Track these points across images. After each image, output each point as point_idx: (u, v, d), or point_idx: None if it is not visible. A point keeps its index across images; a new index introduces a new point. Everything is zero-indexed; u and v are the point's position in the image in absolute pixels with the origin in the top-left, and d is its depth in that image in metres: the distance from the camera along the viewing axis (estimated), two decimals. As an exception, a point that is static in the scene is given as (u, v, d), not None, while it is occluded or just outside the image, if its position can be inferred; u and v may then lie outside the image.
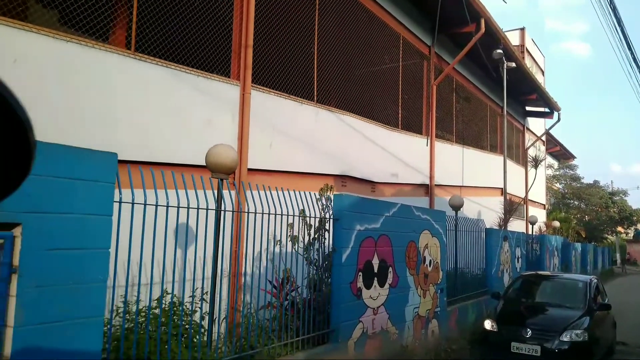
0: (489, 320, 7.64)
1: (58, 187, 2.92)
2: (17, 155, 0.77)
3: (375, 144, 11.22)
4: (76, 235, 3.01)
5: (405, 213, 7.26)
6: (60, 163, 2.94)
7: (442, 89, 14.73)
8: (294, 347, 5.17)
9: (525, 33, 24.07)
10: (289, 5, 8.50)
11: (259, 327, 4.96)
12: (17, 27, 4.90)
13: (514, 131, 21.84)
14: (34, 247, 2.80)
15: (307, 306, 5.44)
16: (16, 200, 2.73)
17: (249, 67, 7.54)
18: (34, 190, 2.79)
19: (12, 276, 2.74)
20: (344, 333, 5.77)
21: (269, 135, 8.07)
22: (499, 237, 11.67)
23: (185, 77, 6.69)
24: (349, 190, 9.84)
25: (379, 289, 6.51)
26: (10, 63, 4.84)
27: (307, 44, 9.31)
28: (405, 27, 12.67)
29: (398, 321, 6.90)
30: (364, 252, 6.21)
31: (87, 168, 3.08)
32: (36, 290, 2.80)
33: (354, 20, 10.41)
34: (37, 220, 2.82)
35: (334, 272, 5.83)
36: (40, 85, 5.01)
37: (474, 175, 16.58)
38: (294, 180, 8.38)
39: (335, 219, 5.89)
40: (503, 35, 14.88)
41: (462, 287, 9.74)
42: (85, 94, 5.47)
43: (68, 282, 2.96)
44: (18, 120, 0.73)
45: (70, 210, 2.99)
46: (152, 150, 6.14)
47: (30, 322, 2.77)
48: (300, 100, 8.88)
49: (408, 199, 11.60)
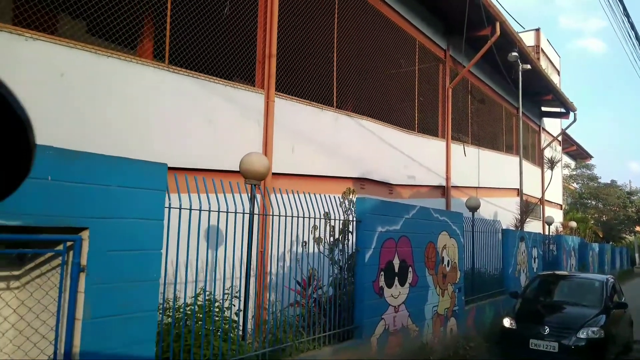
0: (507, 318, 7.89)
1: (118, 195, 3.27)
2: (17, 155, 0.78)
3: (393, 147, 11.49)
4: (133, 238, 3.36)
5: (424, 215, 7.52)
6: (119, 173, 3.29)
7: (457, 91, 14.94)
8: (320, 342, 5.48)
9: (540, 34, 24.10)
10: (309, 15, 8.82)
11: (288, 323, 5.27)
12: (64, 44, 5.29)
13: (529, 132, 21.90)
14: (98, 248, 3.15)
15: (333, 304, 5.75)
16: (84, 206, 3.09)
17: (273, 76, 7.88)
18: (98, 198, 3.14)
19: (81, 275, 3.09)
20: (367, 329, 6.07)
21: (291, 141, 8.39)
22: (516, 237, 11.84)
23: (214, 87, 7.05)
24: (367, 193, 10.13)
25: (399, 287, 6.79)
26: (58, 77, 5.23)
27: (327, 51, 9.63)
28: (420, 32, 12.92)
29: (418, 319, 7.17)
30: (385, 253, 6.49)
31: (141, 177, 3.43)
32: (100, 287, 3.15)
33: (371, 27, 10.70)
34: (100, 224, 3.17)
35: (357, 271, 6.12)
36: (86, 98, 5.39)
37: (490, 176, 16.73)
38: (315, 183, 8.70)
39: (358, 221, 6.18)
40: (518, 38, 15.03)
41: (479, 286, 9.95)
42: (125, 105, 5.85)
43: (126, 280, 3.30)
44: (18, 120, 0.73)
45: (128, 216, 3.33)
46: (184, 157, 6.50)
47: (95, 316, 3.11)
48: (320, 106, 9.20)
49: (425, 201, 11.85)
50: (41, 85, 5.04)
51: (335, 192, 7.12)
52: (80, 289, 3.08)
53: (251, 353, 4.56)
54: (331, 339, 5.64)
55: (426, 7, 12.93)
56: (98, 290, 3.14)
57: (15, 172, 0.82)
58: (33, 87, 4.97)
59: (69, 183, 3.00)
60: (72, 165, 3.03)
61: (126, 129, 5.83)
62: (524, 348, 7.28)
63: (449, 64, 14.46)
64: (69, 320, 3.04)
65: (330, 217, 6.03)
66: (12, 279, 3.49)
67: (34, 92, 4.95)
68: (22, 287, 3.51)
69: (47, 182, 2.90)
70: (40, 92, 5.02)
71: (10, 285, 3.48)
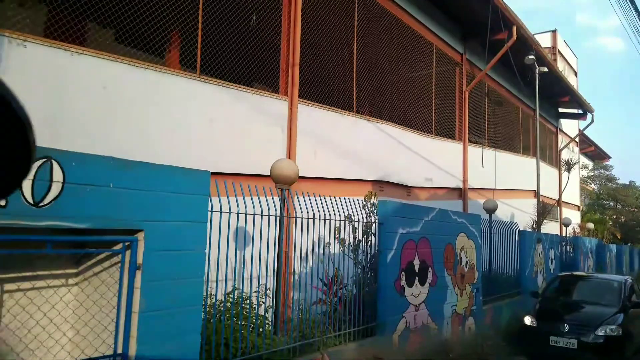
0: (528, 316, 8.17)
1: (168, 200, 3.61)
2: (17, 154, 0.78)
3: (410, 150, 11.74)
4: (181, 239, 3.70)
5: (443, 217, 7.78)
6: (170, 180, 3.63)
7: (474, 93, 15.12)
8: (345, 338, 5.78)
9: (557, 35, 24.08)
10: (330, 24, 9.13)
11: (315, 320, 5.58)
12: (105, 58, 5.68)
13: (546, 133, 21.92)
14: (152, 248, 3.50)
15: (356, 302, 6.04)
16: (140, 210, 3.44)
17: (296, 84, 8.20)
18: (152, 202, 3.49)
19: (137, 272, 3.43)
20: (389, 327, 6.35)
21: (313, 145, 8.71)
22: (533, 239, 12.00)
23: (241, 95, 7.39)
24: (385, 195, 10.39)
25: (419, 287, 7.05)
26: (101, 89, 5.61)
27: (347, 58, 9.93)
28: (437, 37, 13.14)
29: (437, 317, 7.42)
30: (406, 254, 6.77)
31: (188, 184, 3.77)
32: (153, 283, 3.49)
33: (389, 34, 10.97)
34: (154, 226, 3.51)
35: (380, 271, 6.41)
36: (125, 108, 5.77)
37: (507, 178, 16.86)
38: (336, 186, 9.00)
39: (380, 223, 6.47)
40: (535, 41, 15.16)
41: (497, 287, 10.15)
42: (159, 114, 6.22)
43: (175, 277, 3.64)
44: (17, 119, 0.73)
45: (177, 219, 3.67)
46: (213, 162, 6.84)
47: (149, 309, 3.46)
48: (340, 111, 9.50)
49: (442, 203, 12.06)
50: (86, 97, 5.43)
51: (355, 195, 7.41)
52: (137, 285, 3.42)
53: (283, 347, 4.88)
54: (355, 335, 5.94)
55: (443, 12, 13.15)
56: (152, 286, 3.48)
57: (16, 171, 0.81)
58: (79, 100, 5.36)
59: (127, 190, 3.35)
60: (130, 174, 3.38)
61: (161, 136, 6.19)
62: (544, 345, 7.54)
63: (466, 68, 14.66)
64: (127, 312, 3.38)
65: (353, 219, 6.32)
66: (70, 276, 3.87)
67: (80, 104, 5.34)
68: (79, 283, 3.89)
69: (109, 189, 3.25)
70: (86, 104, 5.40)
71: (68, 281, 3.86)
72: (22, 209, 2.80)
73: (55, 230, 3.14)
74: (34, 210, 2.86)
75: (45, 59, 5.15)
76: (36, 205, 2.87)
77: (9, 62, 4.88)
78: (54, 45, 5.23)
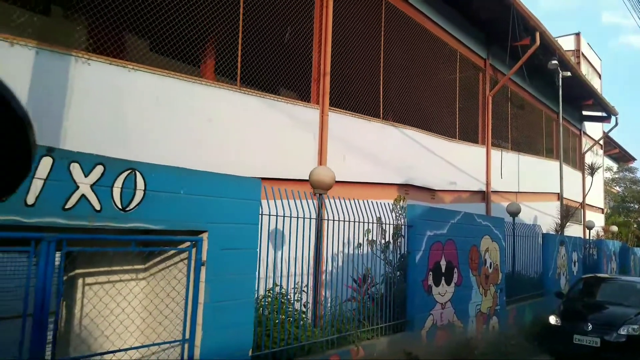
0: (553, 316, 8.49)
1: (227, 204, 4.08)
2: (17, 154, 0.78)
3: (435, 154, 12.08)
4: (237, 239, 4.17)
5: (468, 220, 8.13)
6: (228, 187, 4.11)
7: (497, 97, 15.35)
8: (377, 333, 6.19)
9: (580, 38, 24.06)
10: (358, 35, 9.56)
11: (348, 315, 6.00)
12: (157, 73, 6.20)
13: (570, 136, 21.94)
14: (214, 247, 3.97)
15: (386, 300, 6.44)
16: (204, 213, 3.92)
17: (327, 93, 8.65)
18: (214, 207, 3.96)
19: (202, 268, 3.91)
20: (417, 323, 6.74)
21: (342, 150, 9.13)
22: (556, 241, 12.21)
23: (277, 104, 7.87)
24: (410, 198, 10.74)
25: (446, 286, 7.42)
26: (154, 101, 6.14)
27: (374, 66, 10.33)
28: (461, 43, 13.45)
29: (463, 316, 7.77)
30: (433, 255, 7.15)
31: (243, 190, 4.24)
32: (216, 278, 3.97)
33: (414, 41, 11.33)
34: (215, 228, 3.98)
35: (408, 271, 6.80)
36: (174, 117, 6.29)
37: (530, 180, 17.02)
38: (364, 189, 9.41)
39: (409, 225, 6.87)
40: (558, 46, 15.32)
41: (520, 288, 10.43)
42: (204, 122, 6.72)
43: (233, 273, 4.11)
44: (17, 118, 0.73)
45: (234, 221, 4.14)
46: (252, 167, 7.33)
47: (213, 300, 3.93)
48: (368, 117, 9.91)
49: (466, 206, 12.36)
50: (141, 108, 5.96)
51: (382, 198, 7.80)
52: (202, 279, 3.90)
53: (322, 338, 5.31)
54: (386, 330, 6.34)
55: (467, 19, 13.45)
56: (214, 281, 3.95)
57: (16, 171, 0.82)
58: (134, 110, 5.89)
59: (194, 196, 3.83)
60: (196, 182, 3.86)
61: (206, 143, 6.70)
62: (568, 343, 7.85)
63: (489, 72, 14.91)
64: (194, 303, 3.86)
65: (383, 221, 6.73)
66: (139, 271, 4.37)
67: (137, 115, 5.87)
68: (146, 278, 4.39)
69: (180, 195, 3.73)
70: (142, 115, 5.93)
71: (137, 276, 4.37)
72: (113, 213, 3.30)
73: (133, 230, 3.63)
74: (121, 214, 3.35)
75: (106, 74, 5.69)
76: (123, 210, 3.36)
77: (75, 79, 5.43)
78: (113, 63, 5.77)
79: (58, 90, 5.27)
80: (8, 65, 4.89)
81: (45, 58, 5.19)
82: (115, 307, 4.09)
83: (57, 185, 2.98)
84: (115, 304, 4.09)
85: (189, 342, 3.83)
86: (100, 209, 3.23)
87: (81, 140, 5.26)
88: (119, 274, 4.23)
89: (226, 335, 4.03)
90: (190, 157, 6.05)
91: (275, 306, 5.10)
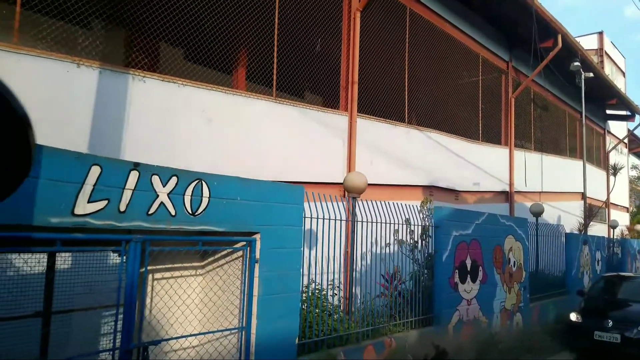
0: (574, 313, 8.80)
1: (275, 209, 4.60)
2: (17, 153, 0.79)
3: (458, 156, 12.44)
4: (285, 239, 4.68)
5: (492, 221, 8.51)
6: (277, 193, 4.62)
7: (520, 99, 15.60)
8: (407, 326, 6.64)
9: (603, 36, 24.00)
10: (384, 42, 10.01)
11: (379, 310, 6.47)
12: (204, 88, 6.77)
13: (594, 135, 21.96)
14: (266, 247, 4.49)
15: (415, 296, 6.89)
16: (257, 217, 4.44)
17: (355, 100, 9.12)
18: (265, 211, 4.48)
19: (256, 265, 4.44)
20: (444, 318, 7.17)
21: (369, 154, 9.60)
22: (579, 241, 12.45)
23: (308, 112, 8.38)
24: (435, 199, 11.13)
25: (471, 284, 7.83)
26: (200, 113, 6.71)
27: (399, 72, 10.77)
28: (483, 47, 13.77)
29: (487, 312, 8.16)
30: (459, 254, 7.56)
31: (289, 196, 4.75)
32: (267, 274, 4.49)
33: (437, 47, 11.73)
34: (266, 230, 4.50)
35: (435, 269, 7.23)
36: (219, 126, 6.85)
37: (553, 180, 17.20)
38: (390, 191, 9.85)
39: (436, 226, 7.30)
40: (580, 48, 15.49)
41: (544, 286, 10.73)
42: (243, 131, 7.27)
43: (282, 269, 4.63)
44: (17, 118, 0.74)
45: (281, 223, 4.66)
46: (286, 171, 7.85)
47: (265, 294, 4.45)
48: (393, 122, 10.35)
49: (489, 206, 12.70)
50: (190, 121, 6.53)
51: (407, 199, 8.23)
52: (256, 275, 4.42)
53: (358, 330, 5.80)
54: (415, 324, 6.79)
55: (489, 23, 13.76)
56: (266, 276, 4.48)
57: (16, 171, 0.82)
58: (185, 123, 6.47)
59: (248, 201, 4.36)
60: (250, 189, 4.39)
61: (245, 149, 7.25)
62: (588, 339, 8.16)
63: (512, 75, 15.18)
64: (249, 296, 4.39)
65: (411, 222, 7.17)
66: (197, 268, 4.92)
67: (186, 126, 6.45)
68: (203, 275, 4.94)
69: (237, 201, 4.26)
70: (189, 126, 6.51)
71: (196, 272, 4.92)
72: (185, 217, 3.84)
73: (199, 232, 4.17)
74: (191, 218, 3.89)
75: (158, 90, 6.28)
76: (193, 214, 3.90)
77: (132, 95, 6.02)
78: (165, 80, 6.35)
79: (118, 105, 5.87)
80: (80, 83, 5.50)
81: (106, 77, 5.79)
82: (177, 300, 4.65)
83: (142, 194, 3.53)
84: (177, 297, 4.65)
85: (246, 330, 4.36)
86: (175, 213, 3.77)
87: (137, 149, 5.84)
88: (179, 271, 4.78)
89: (277, 324, 4.55)
90: (232, 163, 6.60)
91: (314, 301, 5.61)
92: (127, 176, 3.44)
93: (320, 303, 5.85)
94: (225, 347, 4.48)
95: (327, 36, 9.17)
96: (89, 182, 3.19)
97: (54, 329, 3.46)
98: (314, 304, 5.56)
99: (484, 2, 12.78)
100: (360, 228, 6.37)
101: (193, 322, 4.74)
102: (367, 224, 6.48)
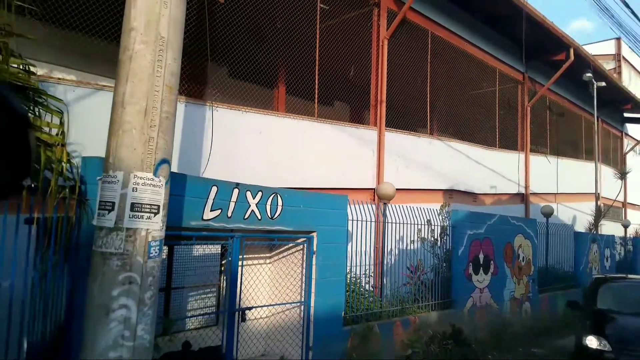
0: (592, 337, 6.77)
1: (327, 213, 6.09)
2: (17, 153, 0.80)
3: (477, 162, 13.74)
4: (334, 237, 6.17)
5: (502, 221, 9.85)
6: (328, 201, 6.12)
7: (536, 107, 16.75)
8: (429, 309, 8.07)
9: (621, 42, 24.79)
10: (409, 62, 11.40)
11: (405, 295, 7.91)
12: (261, 113, 8.31)
13: (611, 138, 22.84)
14: (321, 242, 5.99)
15: (435, 284, 8.31)
16: (314, 219, 5.93)
17: (383, 117, 10.55)
18: (320, 215, 5.98)
19: (314, 256, 5.94)
20: (460, 303, 8.56)
21: (395, 163, 11.01)
22: (587, 239, 13.63)
23: (343, 128, 9.85)
24: (455, 202, 12.49)
25: (483, 275, 9.19)
26: (257, 134, 8.24)
27: (422, 88, 12.14)
28: (500, 61, 15.01)
29: (498, 300, 9.52)
30: (473, 250, 8.94)
31: (337, 203, 6.24)
32: (322, 263, 5.99)
33: (457, 63, 13.06)
34: (321, 229, 6.00)
35: (452, 262, 8.63)
36: (273, 144, 8.39)
37: (569, 182, 18.28)
38: (414, 195, 11.25)
39: (453, 226, 8.70)
40: (592, 59, 16.57)
41: (553, 280, 11.98)
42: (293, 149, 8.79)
43: (333, 259, 6.12)
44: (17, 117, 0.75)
45: (332, 224, 6.15)
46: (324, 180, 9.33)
47: (321, 277, 5.95)
48: (417, 134, 11.74)
49: (505, 207, 13.97)
50: (250, 140, 8.08)
51: (430, 201, 9.62)
52: (314, 263, 5.93)
53: (389, 308, 7.27)
54: (435, 307, 8.22)
55: (506, 38, 14.98)
56: (321, 265, 5.98)
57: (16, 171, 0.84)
58: (245, 142, 8.01)
59: (308, 208, 5.86)
60: (309, 199, 5.89)
61: (294, 162, 8.76)
62: None
63: (527, 85, 16.36)
64: (308, 280, 5.90)
65: (432, 223, 8.58)
66: (266, 258, 6.46)
67: (247, 146, 7.99)
68: (272, 263, 6.47)
69: (300, 208, 5.77)
70: (250, 145, 8.05)
71: (266, 261, 6.45)
72: (266, 220, 5.36)
73: (276, 231, 5.69)
74: (271, 220, 5.42)
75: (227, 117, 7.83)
76: (272, 218, 5.42)
77: (208, 122, 7.58)
78: (232, 108, 7.91)
79: (199, 131, 7.45)
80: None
81: (190, 108, 7.36)
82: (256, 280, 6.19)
83: (240, 205, 5.06)
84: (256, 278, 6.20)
85: (307, 304, 5.88)
86: (260, 218, 5.30)
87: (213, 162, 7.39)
88: (253, 260, 6.33)
89: (329, 300, 6.05)
90: (282, 174, 8.11)
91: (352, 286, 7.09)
92: (231, 192, 4.97)
93: (357, 288, 7.33)
94: (290, 318, 6.00)
95: (359, 60, 10.62)
96: (210, 197, 4.73)
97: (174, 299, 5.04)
98: (351, 289, 7.04)
99: (499, 21, 14.03)
100: (389, 228, 7.81)
101: (264, 298, 6.29)
102: (395, 224, 7.92)
